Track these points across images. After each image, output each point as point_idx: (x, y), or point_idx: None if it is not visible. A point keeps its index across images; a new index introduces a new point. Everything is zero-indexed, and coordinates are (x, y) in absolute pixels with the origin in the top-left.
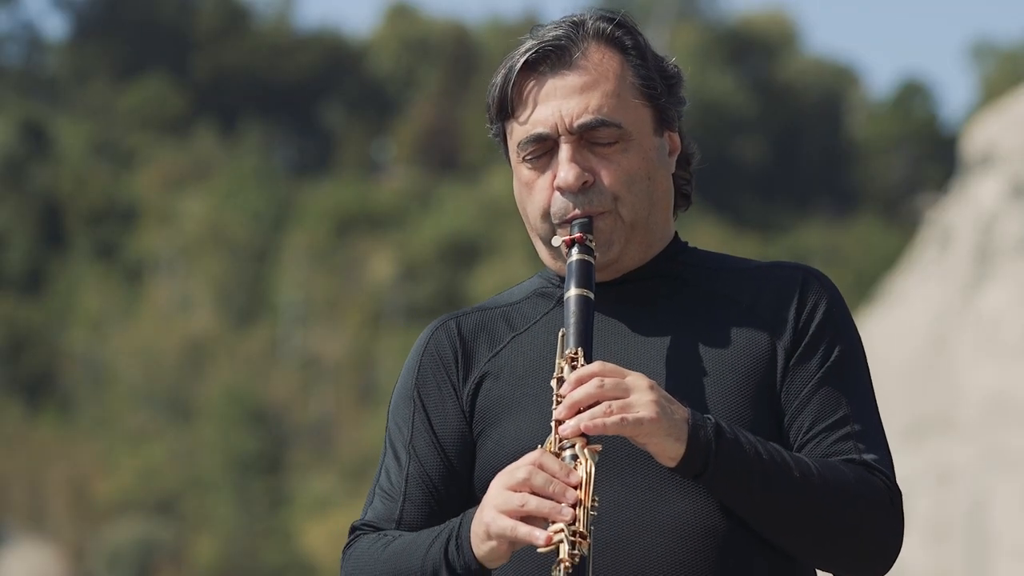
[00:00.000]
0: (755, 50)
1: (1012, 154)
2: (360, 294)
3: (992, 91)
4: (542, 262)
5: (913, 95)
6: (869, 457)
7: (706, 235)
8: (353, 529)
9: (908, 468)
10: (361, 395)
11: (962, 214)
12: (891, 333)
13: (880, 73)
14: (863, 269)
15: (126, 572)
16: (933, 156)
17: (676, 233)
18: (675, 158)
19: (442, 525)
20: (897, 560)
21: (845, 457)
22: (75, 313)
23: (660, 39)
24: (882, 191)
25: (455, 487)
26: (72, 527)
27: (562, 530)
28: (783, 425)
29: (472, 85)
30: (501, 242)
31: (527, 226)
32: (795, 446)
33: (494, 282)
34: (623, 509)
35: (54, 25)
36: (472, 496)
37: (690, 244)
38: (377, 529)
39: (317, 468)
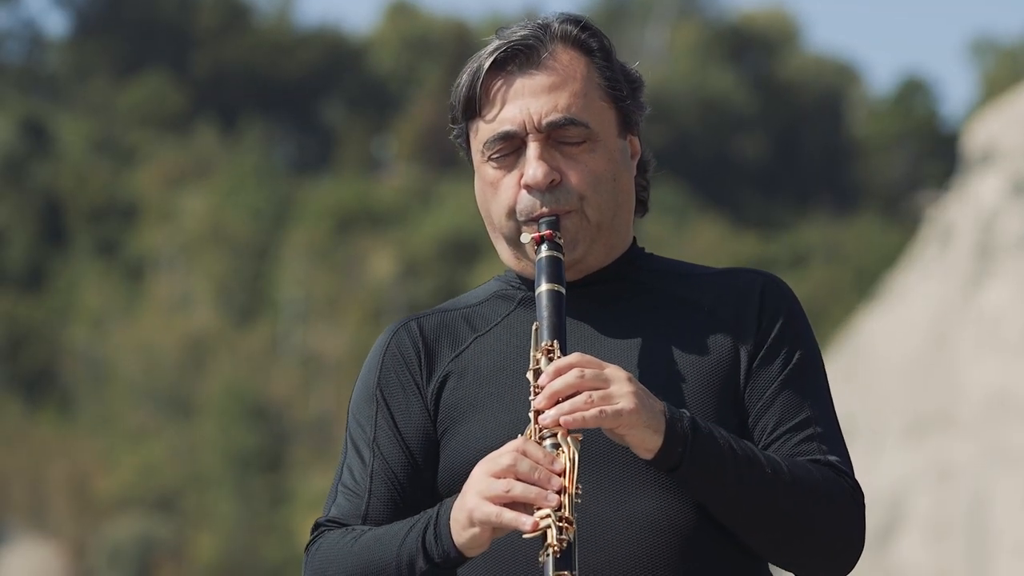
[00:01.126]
0: (756, 47)
1: (1013, 151)
2: (361, 291)
3: (993, 88)
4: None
5: (914, 92)
6: (833, 458)
7: (706, 232)
8: (317, 526)
9: (909, 466)
10: None
11: (963, 211)
12: (892, 330)
13: (881, 70)
14: (864, 266)
15: (126, 569)
16: (934, 153)
17: (635, 238)
18: (636, 162)
19: (417, 515)
20: (898, 557)
21: (810, 457)
22: (75, 310)
23: (661, 37)
24: (883, 188)
25: (419, 484)
26: (72, 524)
27: (549, 515)
28: (747, 427)
29: None
30: None
31: (489, 226)
32: (759, 447)
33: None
34: (591, 504)
35: (55, 22)
36: (436, 494)
37: (647, 250)
38: (343, 525)
39: (317, 465)
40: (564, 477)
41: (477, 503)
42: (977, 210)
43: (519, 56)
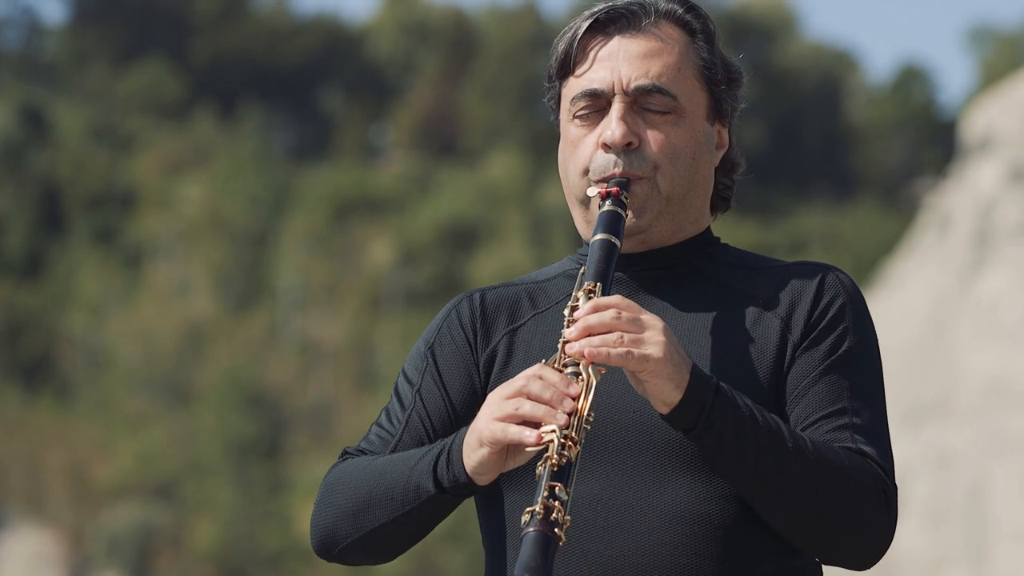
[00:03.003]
0: (754, 35)
1: (1011, 138)
2: (359, 279)
3: (991, 75)
4: (541, 248)
5: (912, 80)
6: (867, 449)
7: None
8: (344, 453)
9: (907, 452)
10: (360, 379)
11: (961, 198)
12: (890, 317)
13: (879, 58)
14: (862, 254)
15: (125, 556)
16: (932, 140)
17: (709, 228)
18: (721, 154)
19: (434, 443)
20: (896, 544)
21: (842, 445)
22: (74, 297)
23: None
24: (881, 176)
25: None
26: (71, 511)
27: (554, 431)
28: (786, 416)
29: (471, 70)
30: (500, 227)
31: (566, 191)
32: None
33: (493, 267)
34: (621, 494)
35: (53, 10)
36: None
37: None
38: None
39: (316, 452)
40: (578, 401)
41: (487, 423)
42: (975, 197)
43: (621, 20)
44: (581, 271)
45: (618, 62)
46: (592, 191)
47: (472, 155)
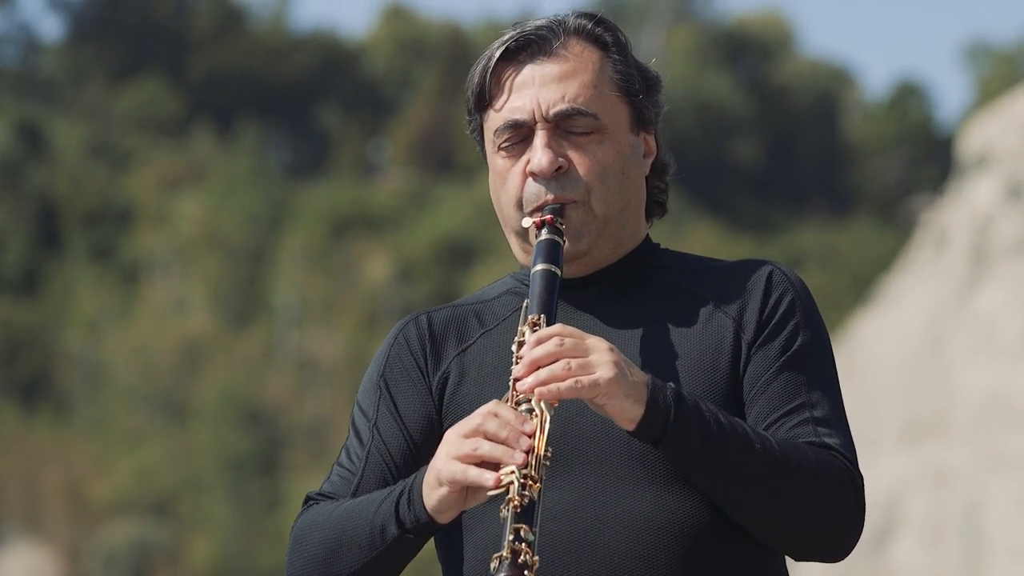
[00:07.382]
0: (751, 51)
1: (1008, 155)
2: (356, 295)
3: (988, 92)
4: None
5: (909, 96)
6: (831, 441)
7: (702, 236)
8: (307, 499)
9: (904, 469)
10: None
11: (958, 215)
12: (887, 334)
13: (876, 74)
14: (859, 270)
15: (122, 573)
16: (929, 157)
17: (648, 236)
18: (650, 161)
19: (396, 484)
20: (893, 561)
21: (805, 440)
22: (71, 314)
23: (656, 41)
24: (878, 192)
25: (416, 469)
26: (68, 528)
27: (513, 472)
28: (745, 416)
29: None
30: (497, 243)
31: (501, 221)
32: None
33: (490, 283)
34: (586, 506)
35: (50, 26)
36: None
37: (662, 246)
38: (332, 499)
39: (313, 469)
40: (534, 438)
41: (445, 462)
42: (972, 214)
43: (531, 46)
44: (524, 304)
45: (534, 89)
46: (527, 222)
47: (469, 171)
